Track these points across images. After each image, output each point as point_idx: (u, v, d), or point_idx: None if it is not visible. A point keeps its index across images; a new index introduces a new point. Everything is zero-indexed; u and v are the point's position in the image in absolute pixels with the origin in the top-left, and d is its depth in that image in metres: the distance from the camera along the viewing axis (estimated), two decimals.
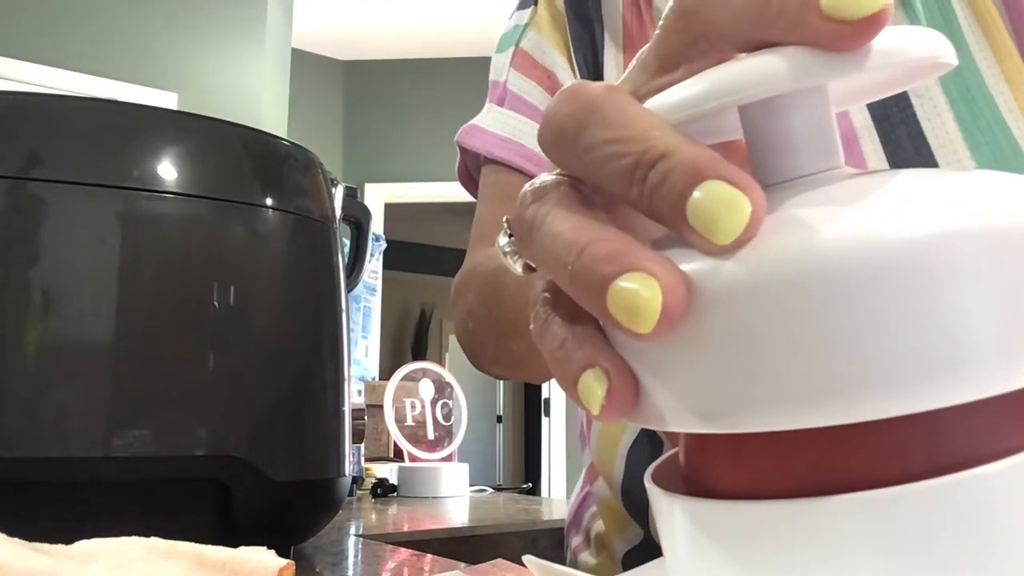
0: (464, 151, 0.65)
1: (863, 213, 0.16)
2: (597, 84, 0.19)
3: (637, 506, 0.60)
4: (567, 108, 0.19)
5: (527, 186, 0.21)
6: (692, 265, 0.17)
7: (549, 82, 0.61)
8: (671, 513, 0.19)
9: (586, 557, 0.67)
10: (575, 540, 0.71)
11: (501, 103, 0.63)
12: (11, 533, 0.35)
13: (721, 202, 0.16)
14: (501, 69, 0.65)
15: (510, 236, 0.23)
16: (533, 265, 0.21)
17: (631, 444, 0.60)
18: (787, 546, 0.16)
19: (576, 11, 0.61)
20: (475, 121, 0.65)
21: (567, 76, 0.61)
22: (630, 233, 0.18)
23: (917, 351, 0.15)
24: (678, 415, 0.17)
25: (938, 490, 0.15)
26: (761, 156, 0.19)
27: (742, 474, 0.18)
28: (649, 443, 0.59)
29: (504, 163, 0.60)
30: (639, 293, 0.16)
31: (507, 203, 0.60)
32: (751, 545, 0.17)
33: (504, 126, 0.61)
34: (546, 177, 0.20)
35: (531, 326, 0.20)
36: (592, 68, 0.60)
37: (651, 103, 0.19)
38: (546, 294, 0.20)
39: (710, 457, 0.19)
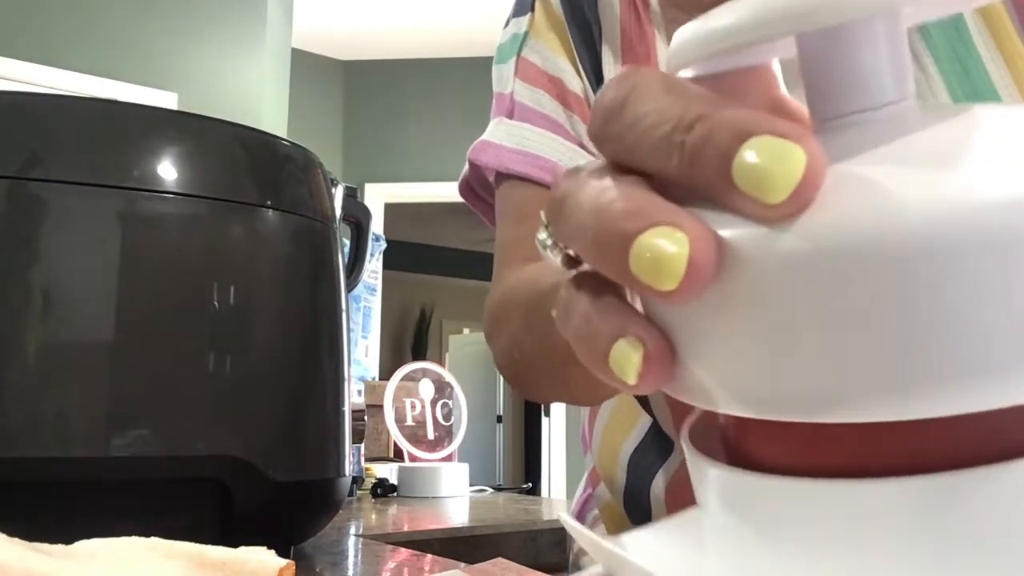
0: (474, 167, 0.63)
1: (954, 167, 0.14)
2: (644, 67, 0.18)
3: (639, 512, 0.60)
4: (611, 92, 0.18)
5: (563, 171, 0.19)
6: (740, 231, 0.15)
7: (556, 88, 0.60)
8: (705, 479, 0.18)
9: (588, 561, 0.67)
10: (577, 544, 0.71)
11: (510, 115, 0.62)
12: (11, 533, 0.35)
13: (772, 155, 0.14)
14: (506, 80, 0.63)
15: (547, 225, 0.21)
16: (572, 254, 0.20)
17: (633, 450, 0.60)
18: (832, 527, 0.15)
19: (573, 14, 0.60)
20: (485, 137, 0.63)
21: (574, 80, 0.60)
22: None
23: (1018, 336, 0.13)
24: (719, 396, 0.16)
25: (1002, 476, 0.14)
26: (821, 89, 0.17)
27: (786, 447, 0.16)
28: (652, 449, 0.59)
29: (521, 176, 0.58)
30: (663, 247, 0.15)
31: (527, 220, 0.58)
32: (795, 523, 0.16)
33: (516, 139, 0.60)
34: (589, 163, 0.19)
35: (553, 312, 0.19)
36: (594, 71, 0.59)
37: (690, 28, 0.17)
38: (572, 276, 0.19)
39: (751, 426, 0.17)
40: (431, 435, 1.43)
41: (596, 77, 0.59)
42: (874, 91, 0.16)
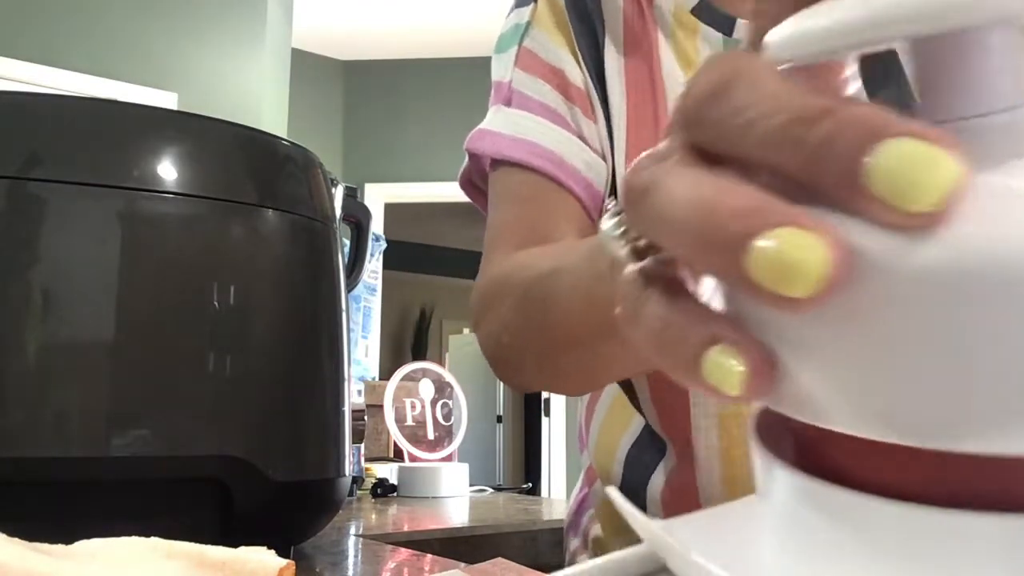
0: (473, 157, 0.63)
1: None
2: (741, 53, 0.17)
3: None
4: (709, 76, 0.17)
5: (642, 154, 0.18)
6: (871, 238, 0.14)
7: (558, 79, 0.59)
8: (771, 478, 0.17)
9: (584, 561, 0.66)
10: (573, 543, 0.70)
11: (508, 103, 0.61)
12: (11, 533, 0.35)
13: (917, 161, 0.13)
14: (504, 69, 0.63)
15: (618, 214, 0.20)
16: (643, 244, 0.19)
17: (630, 447, 0.60)
18: (909, 555, 0.14)
19: (576, 7, 0.60)
20: (483, 125, 0.62)
21: (575, 73, 0.59)
22: None
23: None
24: (829, 412, 0.15)
25: None
26: (933, 89, 0.16)
27: (871, 462, 0.15)
28: (649, 447, 0.59)
29: (517, 163, 0.58)
30: (792, 250, 0.14)
31: (524, 205, 0.58)
32: (870, 545, 0.15)
33: (514, 126, 0.59)
34: (663, 145, 0.18)
35: (618, 310, 0.18)
36: (595, 66, 0.59)
37: (796, 23, 0.16)
38: (636, 274, 0.18)
39: (834, 434, 0.16)
40: (431, 435, 1.43)
41: (597, 71, 0.59)
42: (990, 95, 0.16)
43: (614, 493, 0.20)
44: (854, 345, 0.14)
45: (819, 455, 0.17)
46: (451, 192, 0.69)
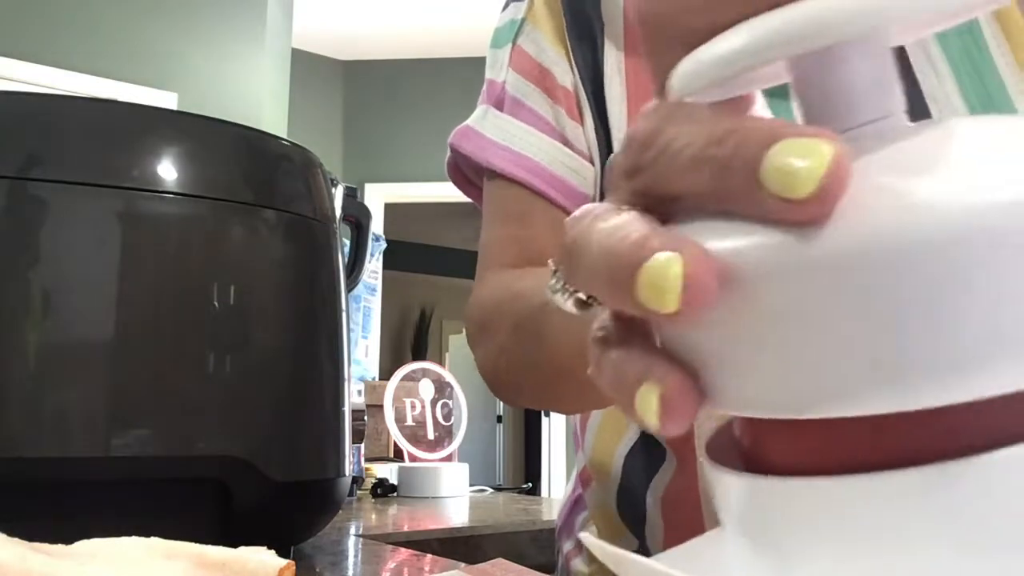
0: (457, 153, 0.63)
1: (958, 171, 0.15)
2: (672, 101, 0.19)
3: (632, 514, 0.59)
4: (644, 124, 0.19)
5: (569, 218, 0.20)
6: (761, 239, 0.15)
7: (546, 81, 0.59)
8: (726, 488, 0.18)
9: (579, 564, 0.66)
10: (567, 545, 0.70)
11: (500, 106, 0.61)
12: (11, 533, 0.35)
13: (797, 152, 0.15)
14: (499, 68, 0.63)
15: (556, 271, 0.22)
16: (584, 298, 0.21)
17: (627, 451, 0.60)
18: (845, 523, 0.16)
19: (571, 7, 0.59)
20: (471, 123, 0.62)
21: (565, 73, 0.59)
22: None
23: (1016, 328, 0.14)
24: (753, 404, 0.17)
25: (1006, 462, 0.14)
26: (816, 107, 0.18)
27: (799, 449, 0.17)
28: (646, 450, 0.58)
29: (504, 175, 0.58)
30: (661, 270, 0.16)
31: (511, 222, 0.58)
32: (811, 522, 0.16)
33: (503, 133, 0.59)
34: (587, 205, 0.20)
35: (589, 370, 0.20)
36: (591, 67, 0.59)
37: (693, 57, 0.18)
38: (599, 332, 0.19)
39: (765, 433, 0.18)
40: (431, 435, 1.43)
41: (591, 73, 0.58)
42: (865, 107, 0.17)
43: (587, 537, 0.21)
44: (756, 338, 0.16)
45: (759, 460, 0.18)
46: (451, 192, 0.69)
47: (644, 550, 0.58)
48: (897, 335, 0.14)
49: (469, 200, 0.68)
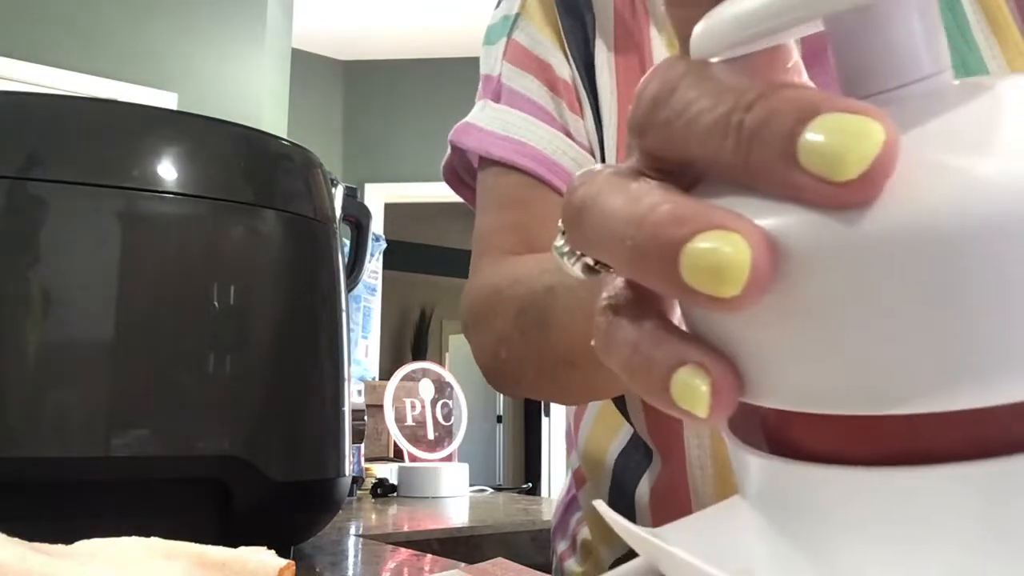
0: (455, 150, 0.62)
1: (1015, 140, 0.13)
2: (684, 57, 0.17)
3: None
4: (657, 80, 0.17)
5: (578, 173, 0.18)
6: (803, 219, 0.14)
7: (545, 74, 0.59)
8: (748, 468, 0.17)
9: (572, 565, 0.66)
10: (561, 545, 0.69)
11: (496, 98, 0.60)
12: (11, 533, 0.35)
13: (845, 133, 0.13)
14: (493, 63, 0.62)
15: (563, 232, 0.20)
16: (592, 263, 0.19)
17: (618, 454, 0.59)
18: (881, 514, 0.15)
19: (564, 1, 0.59)
20: (469, 119, 0.61)
21: (563, 67, 0.58)
22: None
23: None
24: (792, 397, 0.15)
25: None
26: (855, 66, 0.16)
27: (829, 435, 0.16)
28: (638, 450, 0.58)
29: (503, 163, 0.57)
30: (720, 250, 0.14)
31: (512, 208, 0.57)
32: (843, 510, 0.15)
33: (502, 123, 0.58)
34: (595, 166, 0.18)
35: (593, 341, 0.18)
36: (584, 60, 0.58)
37: (715, 15, 0.16)
38: (607, 301, 0.18)
39: (794, 415, 0.16)
40: (431, 435, 1.43)
41: (585, 66, 0.58)
42: (910, 65, 0.16)
43: (602, 506, 0.20)
44: (801, 331, 0.15)
45: (786, 442, 0.17)
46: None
47: (636, 553, 0.57)
48: (973, 325, 0.13)
49: (455, 192, 0.67)
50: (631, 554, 0.21)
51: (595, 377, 0.45)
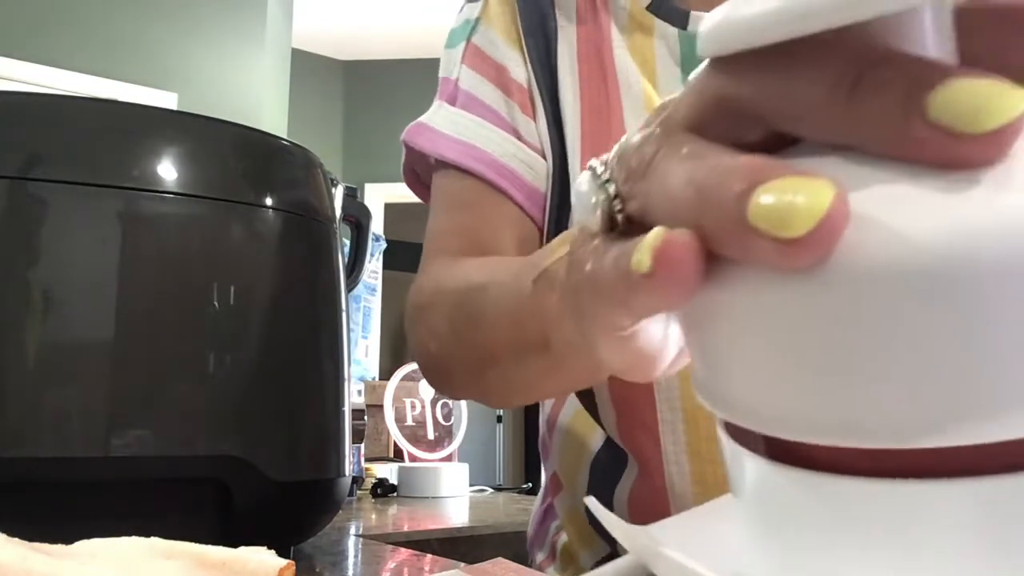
0: (411, 150, 0.63)
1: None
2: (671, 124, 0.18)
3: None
4: (636, 148, 0.18)
5: (635, 128, 0.19)
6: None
7: (500, 78, 0.59)
8: (742, 471, 0.17)
9: (552, 573, 0.65)
10: (539, 556, 0.68)
11: (452, 101, 0.61)
12: (11, 533, 0.35)
13: (985, 95, 0.13)
14: (452, 66, 0.63)
15: (606, 182, 0.19)
16: (619, 217, 0.19)
17: (593, 457, 0.59)
18: (883, 526, 0.15)
19: (527, 1, 0.60)
20: (424, 119, 0.62)
21: (519, 69, 0.59)
22: None
23: None
24: (776, 423, 0.16)
25: None
26: None
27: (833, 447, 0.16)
28: (612, 461, 0.57)
29: (456, 166, 0.58)
30: (793, 192, 0.14)
31: (463, 211, 0.58)
32: (842, 520, 0.15)
33: (455, 126, 0.59)
34: (655, 119, 0.19)
35: (587, 266, 0.19)
36: (545, 63, 0.59)
37: (726, 13, 0.16)
38: (580, 239, 0.19)
39: None
40: (431, 435, 1.43)
41: (547, 68, 0.59)
42: None
43: (594, 504, 0.20)
44: (787, 359, 0.15)
45: (784, 445, 0.17)
46: None
47: (616, 554, 0.57)
48: (981, 362, 0.13)
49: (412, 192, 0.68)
50: (612, 556, 0.21)
51: (515, 378, 0.45)
